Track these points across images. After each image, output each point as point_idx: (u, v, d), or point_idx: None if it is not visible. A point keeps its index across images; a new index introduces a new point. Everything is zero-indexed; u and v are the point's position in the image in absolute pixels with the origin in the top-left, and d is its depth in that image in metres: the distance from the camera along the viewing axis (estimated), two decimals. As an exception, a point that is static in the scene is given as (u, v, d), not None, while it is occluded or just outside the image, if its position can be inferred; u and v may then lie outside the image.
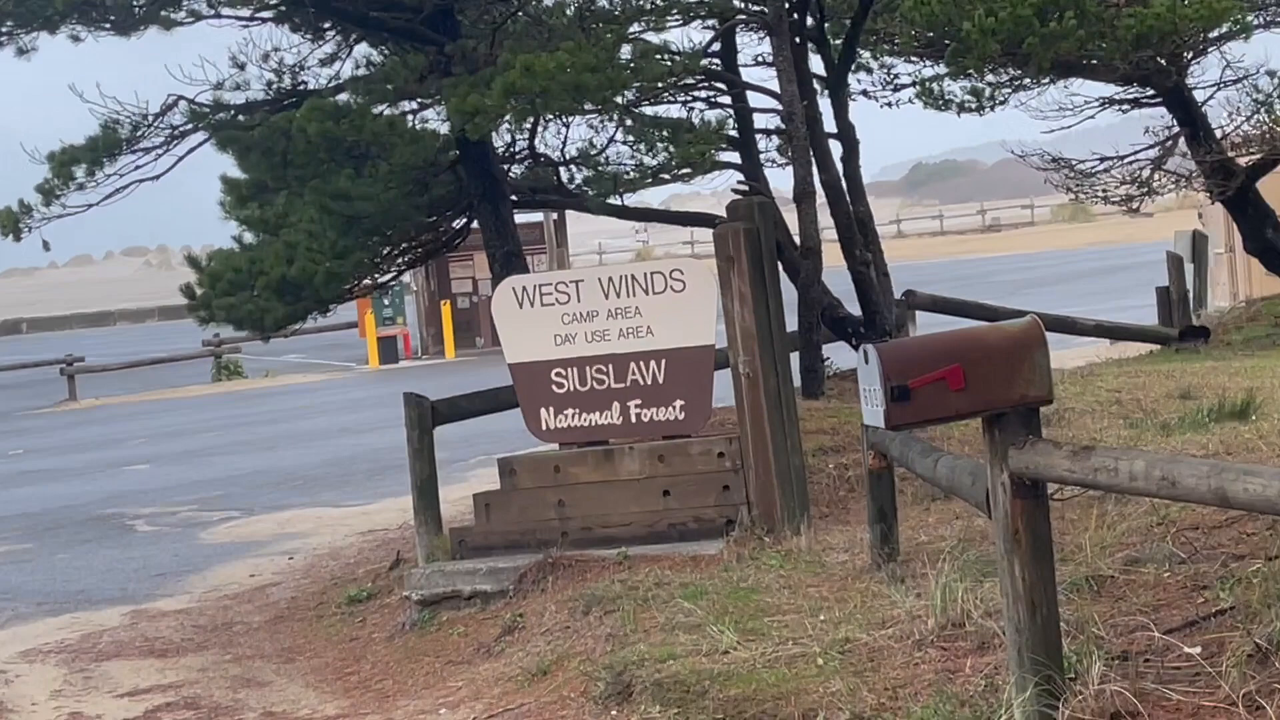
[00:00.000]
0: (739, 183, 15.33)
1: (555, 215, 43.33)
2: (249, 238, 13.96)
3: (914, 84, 18.51)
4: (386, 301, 40.18)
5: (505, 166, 14.38)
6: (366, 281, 13.80)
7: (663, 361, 11.06)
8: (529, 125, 14.09)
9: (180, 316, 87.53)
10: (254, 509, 18.42)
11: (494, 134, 13.41)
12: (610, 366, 11.15)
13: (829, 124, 15.81)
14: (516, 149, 14.84)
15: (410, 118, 12.97)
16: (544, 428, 11.37)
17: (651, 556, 10.44)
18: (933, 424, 5.84)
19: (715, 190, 17.18)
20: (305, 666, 11.19)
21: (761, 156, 16.22)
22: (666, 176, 14.33)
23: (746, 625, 8.12)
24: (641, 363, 11.09)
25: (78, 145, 12.57)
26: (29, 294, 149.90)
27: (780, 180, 16.24)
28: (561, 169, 15.04)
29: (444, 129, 13.54)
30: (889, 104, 18.85)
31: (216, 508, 18.80)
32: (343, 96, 12.18)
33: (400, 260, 14.41)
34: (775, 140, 16.94)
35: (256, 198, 12.59)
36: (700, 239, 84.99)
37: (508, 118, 11.70)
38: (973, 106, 17.72)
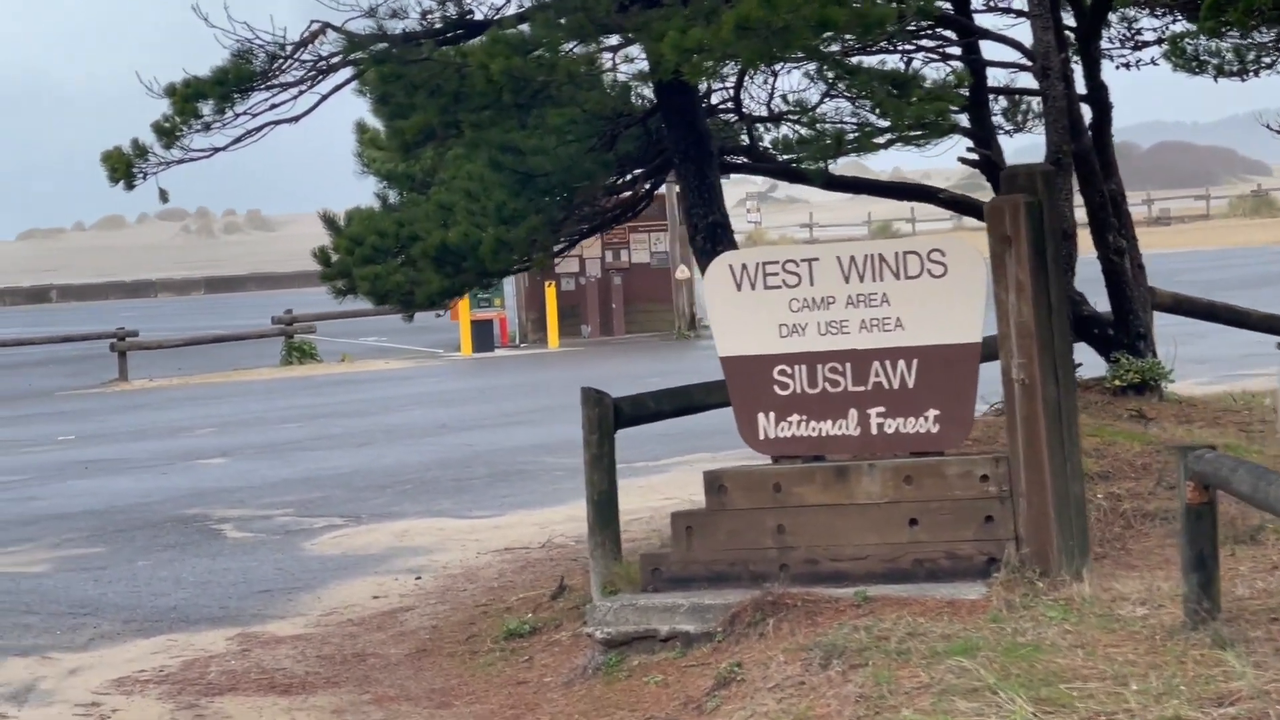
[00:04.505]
0: (968, 149, 14.66)
1: (679, 186, 42.53)
2: (392, 198, 13.39)
3: (1158, 41, 17.91)
4: (484, 280, 39.57)
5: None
6: (539, 253, 13.13)
7: (914, 361, 10.34)
8: (735, 72, 13.41)
9: (228, 289, 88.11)
10: (360, 516, 17.90)
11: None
12: (848, 365, 10.45)
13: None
14: (714, 101, 14.16)
15: (609, 55, 12.30)
16: (762, 436, 10.68)
17: (896, 599, 9.78)
18: None
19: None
20: (465, 714, 10.59)
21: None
22: (887, 139, 13.57)
23: (1039, 693, 7.57)
24: (888, 362, 10.39)
25: (203, 77, 11.97)
26: (52, 258, 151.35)
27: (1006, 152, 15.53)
28: (762, 126, 14.33)
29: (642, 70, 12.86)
30: (1126, 64, 18.22)
31: (317, 513, 18.27)
32: (525, 28, 11.52)
33: (579, 228, 13.76)
34: (1002, 103, 16.26)
35: (421, 145, 11.95)
36: (862, 220, 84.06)
37: (736, 59, 10.99)
38: (1234, 70, 17.16)
